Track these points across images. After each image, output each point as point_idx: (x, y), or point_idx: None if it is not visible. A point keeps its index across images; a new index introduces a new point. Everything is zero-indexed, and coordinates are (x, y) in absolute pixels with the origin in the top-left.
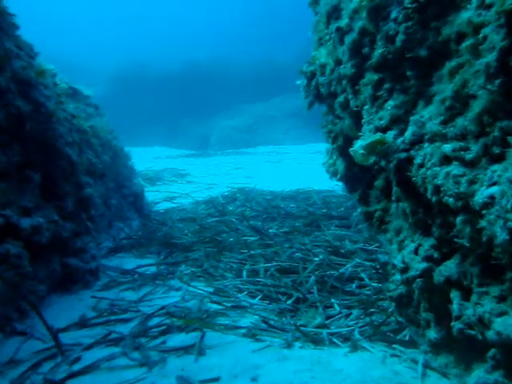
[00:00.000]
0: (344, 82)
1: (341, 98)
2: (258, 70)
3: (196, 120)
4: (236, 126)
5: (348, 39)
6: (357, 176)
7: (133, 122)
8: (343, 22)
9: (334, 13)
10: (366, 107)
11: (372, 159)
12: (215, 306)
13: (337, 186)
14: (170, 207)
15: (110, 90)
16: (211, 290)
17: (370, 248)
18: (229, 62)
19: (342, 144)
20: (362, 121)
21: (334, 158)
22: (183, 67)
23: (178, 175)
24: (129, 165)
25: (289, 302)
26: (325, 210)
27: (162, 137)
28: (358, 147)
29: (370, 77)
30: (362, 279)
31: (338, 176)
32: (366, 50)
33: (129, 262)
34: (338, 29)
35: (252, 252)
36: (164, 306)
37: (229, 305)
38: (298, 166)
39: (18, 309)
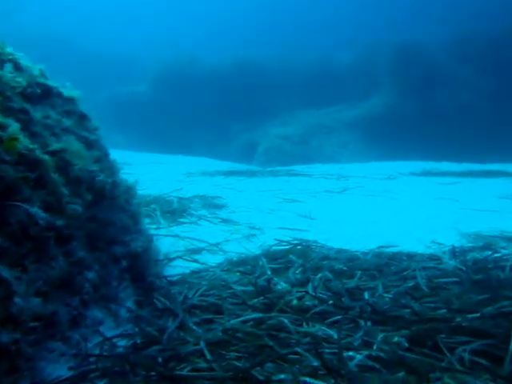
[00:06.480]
0: None
1: None
2: (313, 72)
3: (242, 126)
4: (287, 135)
5: None
6: None
7: (175, 124)
8: None
9: None
10: None
11: None
12: None
13: (436, 245)
14: (189, 270)
15: (156, 89)
16: None
17: None
18: (283, 62)
19: None
20: None
21: None
22: (234, 66)
23: (210, 206)
24: (131, 208)
25: None
26: (444, 311)
27: (205, 143)
28: None
29: None
30: None
31: None
32: None
33: None
34: None
35: None
36: None
37: None
38: (369, 200)
39: None
